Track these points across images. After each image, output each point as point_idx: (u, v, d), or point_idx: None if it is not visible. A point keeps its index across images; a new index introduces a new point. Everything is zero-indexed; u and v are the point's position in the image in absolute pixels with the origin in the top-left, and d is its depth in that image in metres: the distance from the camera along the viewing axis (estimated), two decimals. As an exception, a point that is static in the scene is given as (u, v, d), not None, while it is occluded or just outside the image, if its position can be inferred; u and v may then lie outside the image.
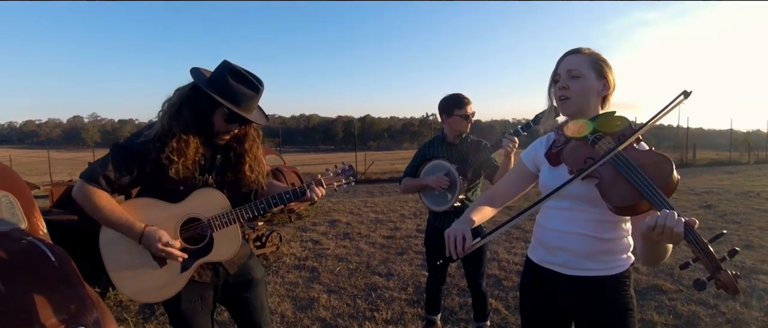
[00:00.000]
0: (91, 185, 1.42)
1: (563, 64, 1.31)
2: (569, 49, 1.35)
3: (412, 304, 3.33)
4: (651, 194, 1.03)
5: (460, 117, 2.40)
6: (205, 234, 1.53)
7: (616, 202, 1.09)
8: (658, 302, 3.22)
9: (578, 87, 1.27)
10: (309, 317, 3.13)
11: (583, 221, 1.27)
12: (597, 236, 1.26)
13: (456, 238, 1.21)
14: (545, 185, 1.35)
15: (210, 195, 1.53)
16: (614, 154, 1.13)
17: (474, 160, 2.38)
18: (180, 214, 1.51)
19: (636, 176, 1.07)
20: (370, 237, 5.60)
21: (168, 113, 1.44)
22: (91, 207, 1.43)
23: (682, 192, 8.62)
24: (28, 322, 1.78)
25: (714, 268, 0.92)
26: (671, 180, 1.06)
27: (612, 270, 1.28)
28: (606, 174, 1.14)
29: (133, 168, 1.44)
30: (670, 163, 1.09)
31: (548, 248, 1.35)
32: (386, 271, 4.16)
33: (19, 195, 2.33)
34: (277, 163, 8.66)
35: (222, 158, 1.60)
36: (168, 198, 1.51)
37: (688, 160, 18.25)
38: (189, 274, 1.52)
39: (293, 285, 3.84)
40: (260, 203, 1.52)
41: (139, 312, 3.21)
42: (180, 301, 1.55)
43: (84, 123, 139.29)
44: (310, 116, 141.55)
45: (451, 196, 2.37)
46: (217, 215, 1.51)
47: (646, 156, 1.15)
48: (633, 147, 1.18)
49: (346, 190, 1.84)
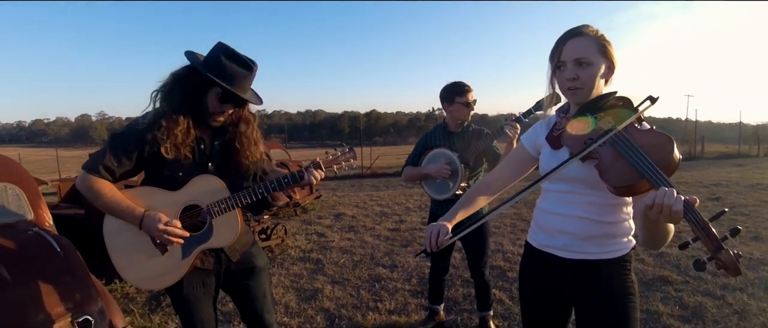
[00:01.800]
0: (93, 175, 1.45)
1: (569, 50, 1.21)
2: (571, 29, 1.25)
3: (415, 295, 3.33)
4: (651, 173, 1.01)
5: (462, 104, 2.39)
6: (205, 221, 1.54)
7: (616, 182, 1.08)
8: (664, 293, 3.19)
9: (588, 75, 1.20)
10: (313, 308, 3.14)
11: (584, 205, 1.24)
12: (597, 219, 1.23)
13: (431, 233, 1.26)
14: (546, 169, 1.32)
15: (208, 181, 1.53)
16: (614, 135, 1.11)
17: (476, 149, 2.37)
18: (179, 201, 1.51)
19: (636, 155, 1.05)
20: (375, 230, 5.61)
21: (160, 94, 1.46)
22: (94, 196, 1.45)
23: (691, 185, 8.57)
24: (34, 311, 1.81)
25: (715, 248, 0.90)
26: (672, 159, 1.04)
27: (612, 253, 1.25)
28: (606, 155, 1.13)
29: (132, 153, 1.46)
30: (671, 142, 1.06)
31: (547, 232, 1.33)
32: (390, 263, 4.17)
33: (25, 188, 2.37)
34: (283, 157, 8.68)
35: (221, 143, 1.60)
36: (168, 186, 1.52)
37: (697, 154, 18.09)
38: (190, 261, 1.53)
39: (298, 276, 3.86)
40: (258, 188, 1.52)
41: (146, 304, 3.24)
42: (182, 286, 1.56)
43: (92, 121, 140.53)
44: (316, 112, 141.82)
45: (453, 184, 2.37)
46: (216, 202, 1.51)
47: (647, 136, 1.11)
48: (634, 127, 1.16)
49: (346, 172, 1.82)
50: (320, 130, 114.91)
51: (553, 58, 1.26)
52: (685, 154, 18.07)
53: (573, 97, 1.26)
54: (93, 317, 2.03)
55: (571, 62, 1.21)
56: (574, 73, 1.20)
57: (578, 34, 1.22)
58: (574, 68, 1.20)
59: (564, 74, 1.23)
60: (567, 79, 1.22)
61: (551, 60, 1.27)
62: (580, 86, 1.21)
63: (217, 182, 1.54)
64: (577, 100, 1.26)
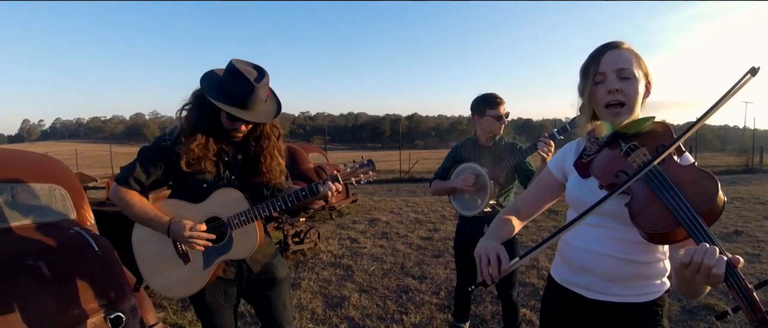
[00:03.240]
0: (123, 187, 1.56)
1: (607, 61, 1.09)
2: (606, 43, 1.13)
3: (442, 309, 3.26)
4: (688, 221, 0.86)
5: (493, 118, 2.30)
6: (226, 232, 1.58)
7: (649, 227, 0.93)
8: (709, 324, 2.93)
9: (632, 90, 1.08)
10: (338, 315, 3.15)
11: (613, 241, 1.10)
12: (627, 258, 1.09)
13: (489, 258, 1.03)
14: (572, 197, 1.20)
15: (229, 194, 1.57)
16: (649, 170, 0.97)
17: (507, 165, 2.27)
18: (202, 213, 1.57)
19: (672, 197, 0.90)
20: (408, 237, 5.56)
21: (182, 112, 1.54)
22: (124, 206, 1.56)
23: (746, 201, 7.81)
24: (70, 306, 1.91)
25: (758, 322, 0.75)
26: (715, 204, 0.88)
27: (642, 296, 1.12)
28: (639, 192, 0.98)
29: (159, 165, 1.56)
30: (715, 182, 0.90)
31: (571, 267, 1.21)
32: (420, 273, 4.11)
33: (69, 188, 2.51)
34: (321, 160, 8.82)
35: (244, 157, 1.64)
36: (193, 197, 1.58)
37: (755, 165, 16.71)
38: (212, 270, 1.58)
39: (326, 282, 3.88)
40: (277, 201, 1.54)
41: (179, 300, 3.36)
42: (204, 295, 1.62)
43: (145, 120, 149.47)
44: (358, 114, 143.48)
45: (481, 201, 2.28)
46: (236, 214, 1.54)
47: (686, 172, 0.96)
48: (673, 160, 1.01)
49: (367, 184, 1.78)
50: (361, 132, 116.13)
51: (588, 71, 1.13)
52: (742, 166, 16.77)
53: (614, 116, 1.11)
54: (125, 313, 2.12)
55: (612, 73, 1.09)
56: (617, 84, 1.08)
57: (616, 47, 1.12)
58: (615, 81, 1.08)
59: (605, 86, 1.09)
60: (609, 91, 1.09)
61: (585, 74, 1.15)
62: (624, 100, 1.08)
63: (237, 194, 1.57)
64: (618, 120, 1.11)
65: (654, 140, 1.05)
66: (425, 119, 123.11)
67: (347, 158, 10.38)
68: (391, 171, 17.78)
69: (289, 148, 8.17)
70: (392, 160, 19.28)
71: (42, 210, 2.35)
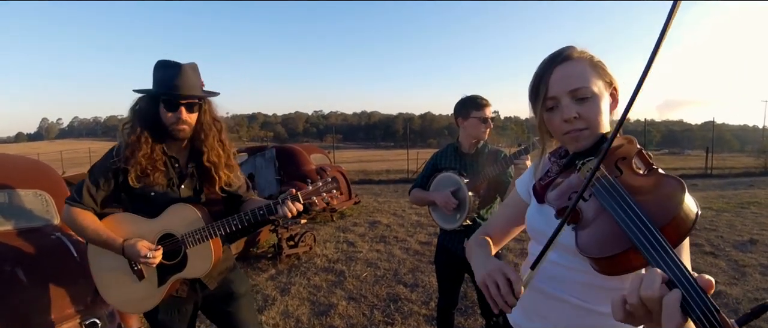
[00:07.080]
0: (75, 207, 1.52)
1: (558, 81, 0.87)
2: (552, 55, 0.91)
3: (429, 321, 3.19)
4: (643, 239, 0.63)
5: (478, 120, 2.17)
6: (180, 249, 1.55)
7: (594, 251, 0.71)
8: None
9: (593, 113, 0.87)
10: (322, 324, 3.12)
11: (571, 284, 0.91)
12: (586, 306, 0.90)
13: (498, 282, 0.82)
14: (530, 227, 1.03)
15: (184, 211, 1.53)
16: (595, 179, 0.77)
17: (487, 174, 2.13)
18: (155, 230, 1.54)
19: (623, 210, 0.69)
20: (406, 242, 5.51)
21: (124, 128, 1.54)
22: (78, 229, 1.52)
23: (765, 205, 7.46)
24: (44, 312, 1.92)
25: None
26: (679, 214, 0.65)
27: None
28: (587, 211, 0.78)
29: (109, 182, 1.52)
30: (679, 185, 0.69)
31: (526, 310, 1.02)
32: (412, 281, 4.05)
33: (55, 194, 2.54)
34: (324, 162, 8.83)
35: (196, 165, 1.60)
36: (146, 213, 1.55)
37: (775, 168, 16.08)
38: (166, 289, 1.55)
39: (316, 289, 3.86)
40: (232, 219, 1.50)
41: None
42: (158, 312, 1.59)
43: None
44: (371, 113, 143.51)
45: (460, 215, 2.20)
46: (190, 232, 1.51)
47: (646, 179, 0.75)
48: (630, 168, 0.80)
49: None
50: (374, 131, 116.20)
51: (536, 95, 0.92)
52: (761, 168, 16.06)
53: (575, 144, 0.90)
54: (101, 319, 2.13)
55: (565, 96, 0.87)
56: (573, 111, 0.86)
57: (565, 59, 0.89)
58: (571, 106, 0.87)
59: (559, 114, 0.88)
60: (565, 120, 0.87)
61: (534, 96, 0.93)
62: (584, 127, 0.87)
63: (193, 212, 1.53)
64: (581, 145, 0.90)
65: (614, 157, 0.83)
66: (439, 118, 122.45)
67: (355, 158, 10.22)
68: (399, 171, 17.70)
69: (291, 149, 8.19)
70: (404, 160, 19.18)
71: (25, 215, 2.38)
